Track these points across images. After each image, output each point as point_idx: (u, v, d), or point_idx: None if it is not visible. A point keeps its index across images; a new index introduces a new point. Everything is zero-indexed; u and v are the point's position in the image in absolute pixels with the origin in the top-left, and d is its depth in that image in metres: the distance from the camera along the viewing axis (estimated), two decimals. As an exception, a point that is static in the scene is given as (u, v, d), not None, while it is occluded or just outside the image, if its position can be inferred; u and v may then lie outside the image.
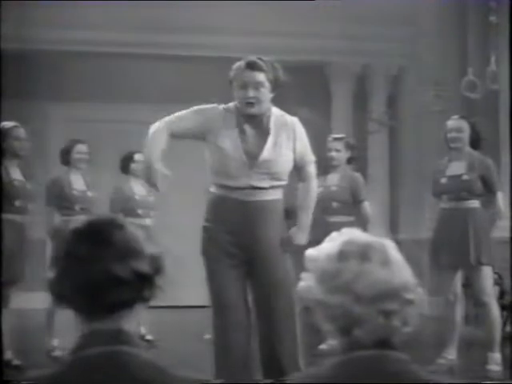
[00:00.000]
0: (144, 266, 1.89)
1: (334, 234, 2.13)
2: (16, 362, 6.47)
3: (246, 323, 4.68)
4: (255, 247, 4.58)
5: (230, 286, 4.60)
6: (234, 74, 4.51)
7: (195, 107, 4.64)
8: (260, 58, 4.49)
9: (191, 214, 10.28)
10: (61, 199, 7.19)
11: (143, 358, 1.87)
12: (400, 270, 2.01)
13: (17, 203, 6.45)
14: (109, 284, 1.85)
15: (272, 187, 4.55)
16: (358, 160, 7.79)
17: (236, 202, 4.51)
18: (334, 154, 7.37)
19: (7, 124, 6.57)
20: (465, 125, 6.36)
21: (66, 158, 7.36)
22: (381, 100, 11.64)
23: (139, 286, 1.89)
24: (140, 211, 7.92)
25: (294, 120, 4.63)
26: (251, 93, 4.41)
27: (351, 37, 10.96)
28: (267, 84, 4.44)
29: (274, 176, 4.53)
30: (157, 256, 1.94)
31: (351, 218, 7.35)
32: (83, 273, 1.86)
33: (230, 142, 4.47)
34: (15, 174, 6.56)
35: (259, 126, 4.52)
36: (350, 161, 7.50)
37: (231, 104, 4.59)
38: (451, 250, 6.25)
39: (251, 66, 4.44)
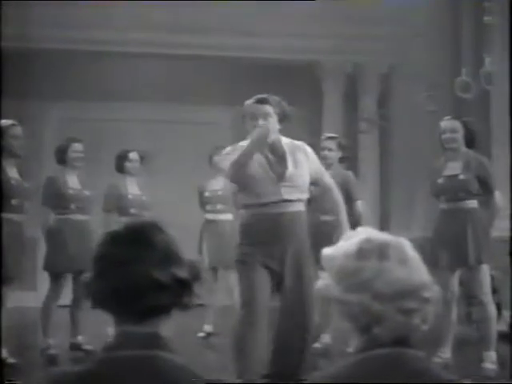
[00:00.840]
0: (183, 272, 1.89)
1: (349, 233, 2.15)
2: (11, 360, 6.46)
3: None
4: (286, 255, 5.11)
5: (261, 291, 5.04)
6: (246, 109, 5.11)
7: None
8: (268, 96, 5.12)
9: (184, 214, 10.45)
10: (56, 198, 7.18)
11: (177, 363, 1.87)
12: (418, 268, 2.04)
13: (13, 202, 6.44)
14: (149, 288, 1.85)
15: (298, 200, 5.16)
16: (349, 160, 7.84)
17: (269, 215, 5.08)
18: (326, 153, 7.42)
19: (5, 122, 6.54)
20: (458, 125, 6.38)
21: (61, 156, 7.34)
22: (372, 99, 11.67)
23: (178, 291, 1.89)
24: (133, 210, 7.88)
25: (301, 143, 5.30)
26: (261, 122, 5.01)
27: (342, 36, 11.00)
28: (274, 116, 5.05)
29: (298, 188, 5.14)
30: (195, 262, 1.95)
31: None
32: (123, 275, 1.85)
33: (258, 166, 5.08)
34: (12, 172, 6.55)
35: (275, 151, 5.15)
36: (341, 160, 7.54)
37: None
38: (450, 249, 6.28)
39: (260, 101, 5.06)
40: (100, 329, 7.70)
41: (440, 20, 10.07)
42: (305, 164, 5.23)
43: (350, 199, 7.36)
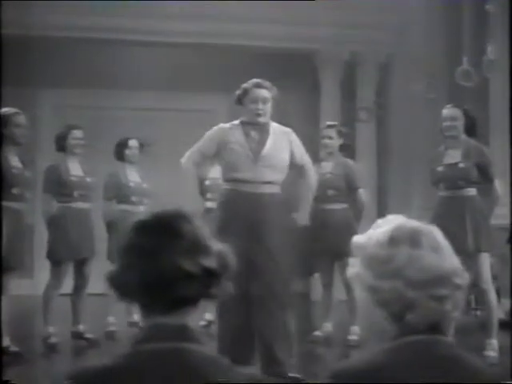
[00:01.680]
0: (212, 262, 1.86)
1: (379, 221, 2.15)
2: (13, 348, 6.44)
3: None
4: (260, 232, 5.37)
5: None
6: (245, 92, 5.49)
7: (208, 134, 5.61)
8: (263, 81, 5.53)
9: (184, 202, 10.43)
10: (59, 186, 7.15)
11: (207, 355, 1.84)
12: (449, 255, 2.04)
13: (14, 191, 6.40)
14: (178, 279, 1.82)
15: (273, 182, 5.46)
16: (349, 147, 7.85)
17: (244, 193, 5.39)
18: (327, 141, 7.42)
19: (8, 110, 6.49)
20: (459, 113, 6.39)
21: (61, 144, 7.31)
22: (370, 88, 11.66)
23: (207, 282, 1.85)
24: (134, 198, 7.88)
25: (289, 130, 5.64)
26: (260, 106, 5.42)
27: (340, 24, 10.99)
28: (270, 100, 5.47)
29: (273, 169, 5.43)
30: (224, 252, 1.90)
31: (346, 205, 7.41)
32: (151, 266, 1.82)
33: (238, 144, 5.44)
34: (14, 161, 6.51)
35: (261, 131, 5.49)
36: (341, 148, 7.54)
37: (236, 122, 5.59)
38: (449, 237, 6.27)
39: (259, 85, 5.47)
40: (101, 318, 7.75)
41: (441, 8, 10.07)
42: (286, 148, 5.53)
43: (352, 188, 7.39)
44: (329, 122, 7.72)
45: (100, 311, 7.75)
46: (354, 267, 2.09)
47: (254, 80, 5.55)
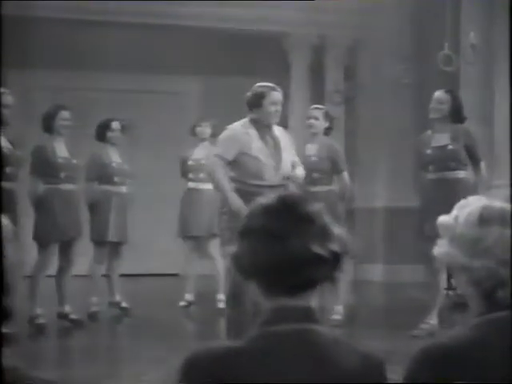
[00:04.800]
0: (336, 246, 1.88)
1: (463, 202, 2.23)
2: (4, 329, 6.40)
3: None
4: None
5: None
6: (262, 94, 5.82)
7: (227, 136, 5.88)
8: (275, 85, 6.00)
9: (166, 184, 10.47)
10: (46, 167, 7.12)
11: (333, 336, 1.88)
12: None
13: (7, 170, 6.38)
14: (308, 262, 1.84)
15: (286, 185, 5.85)
16: (332, 131, 7.91)
17: (262, 192, 5.49)
18: (312, 121, 7.45)
19: None
20: (446, 97, 6.53)
21: (48, 124, 7.26)
22: (339, 72, 11.74)
23: (333, 265, 1.88)
24: (116, 179, 7.89)
25: (283, 129, 6.18)
26: (279, 108, 5.87)
27: (310, 8, 11.03)
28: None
29: (287, 172, 5.87)
30: (344, 236, 1.92)
31: (331, 188, 7.47)
32: (281, 249, 1.83)
33: (260, 152, 5.79)
34: (3, 141, 6.46)
35: (270, 134, 5.91)
36: (327, 131, 7.61)
37: (244, 120, 5.91)
38: (437, 218, 6.42)
39: (276, 89, 5.92)
40: (85, 298, 7.75)
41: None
42: (290, 148, 6.03)
43: (337, 170, 7.46)
44: (315, 105, 7.80)
45: (82, 292, 7.77)
46: (442, 247, 2.16)
47: (268, 84, 6.00)
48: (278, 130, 6.00)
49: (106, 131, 7.96)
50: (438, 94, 6.57)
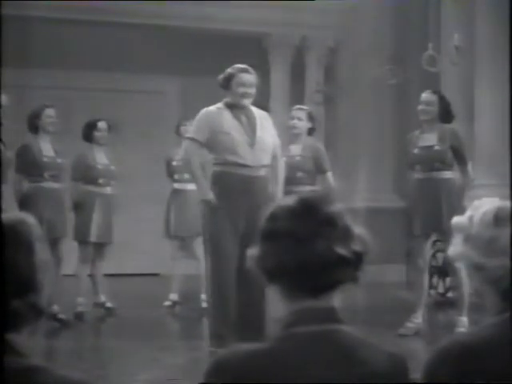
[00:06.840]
0: (358, 246, 1.91)
1: (476, 203, 2.27)
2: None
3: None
4: (257, 215, 5.23)
5: (225, 241, 5.68)
6: (231, 76, 5.85)
7: (199, 117, 5.96)
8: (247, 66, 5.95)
9: (151, 184, 10.46)
10: (31, 166, 7.13)
11: (358, 335, 1.90)
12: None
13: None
14: (333, 264, 1.86)
15: (265, 165, 5.89)
16: (314, 132, 7.94)
17: (242, 177, 5.75)
18: (296, 121, 7.47)
19: None
20: (434, 98, 6.60)
21: (34, 122, 7.26)
22: (319, 73, 11.78)
23: (355, 266, 1.91)
24: (101, 180, 7.88)
25: (266, 113, 6.16)
26: (248, 89, 5.82)
27: (291, 8, 11.06)
28: (255, 85, 5.88)
29: (266, 152, 5.86)
30: (364, 236, 1.94)
31: (315, 188, 7.51)
32: (306, 251, 1.85)
33: (233, 128, 5.79)
34: None
35: (247, 115, 5.89)
36: (310, 132, 7.64)
37: (219, 104, 5.93)
38: (424, 218, 6.50)
39: (245, 70, 5.89)
40: (72, 299, 7.73)
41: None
42: (270, 131, 5.98)
43: (320, 170, 7.50)
44: (298, 106, 7.83)
45: (69, 291, 7.75)
46: (457, 246, 2.21)
47: (240, 65, 5.94)
48: (257, 112, 5.99)
49: (93, 131, 7.95)
50: (426, 95, 6.64)
